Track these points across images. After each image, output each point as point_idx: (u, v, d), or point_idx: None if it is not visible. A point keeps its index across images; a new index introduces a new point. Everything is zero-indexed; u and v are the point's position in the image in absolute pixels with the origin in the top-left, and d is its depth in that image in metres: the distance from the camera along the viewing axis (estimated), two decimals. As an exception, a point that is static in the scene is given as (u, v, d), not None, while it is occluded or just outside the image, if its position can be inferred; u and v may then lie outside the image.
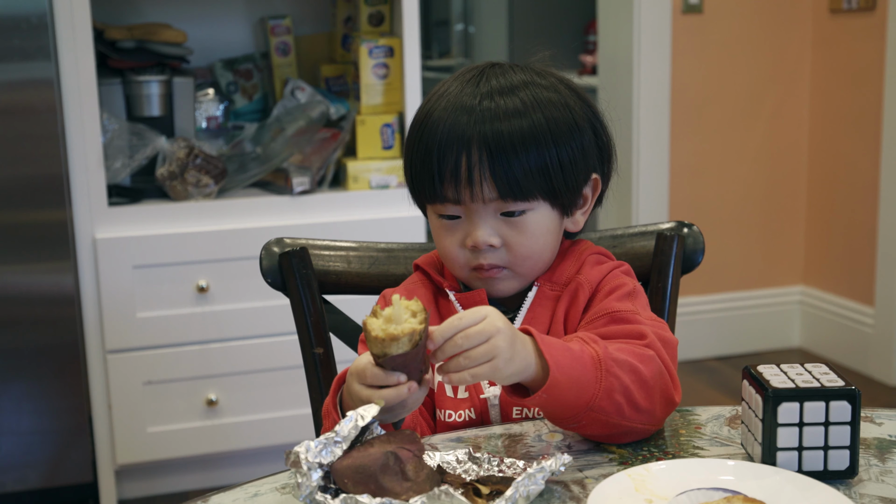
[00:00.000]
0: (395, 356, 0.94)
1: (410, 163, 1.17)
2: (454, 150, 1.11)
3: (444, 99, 1.15)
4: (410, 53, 2.65)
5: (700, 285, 3.54)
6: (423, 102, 1.19)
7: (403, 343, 0.94)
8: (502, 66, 1.18)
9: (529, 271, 1.18)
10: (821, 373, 0.98)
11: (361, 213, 2.63)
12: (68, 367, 2.48)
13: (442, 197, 1.14)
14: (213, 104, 2.90)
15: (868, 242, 3.37)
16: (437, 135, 1.13)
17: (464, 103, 1.13)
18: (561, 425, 1.04)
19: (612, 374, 1.01)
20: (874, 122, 3.30)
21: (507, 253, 1.15)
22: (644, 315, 1.14)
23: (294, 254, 1.36)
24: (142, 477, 2.65)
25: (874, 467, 0.97)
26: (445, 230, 1.17)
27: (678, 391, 1.07)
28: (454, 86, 1.16)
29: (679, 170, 3.50)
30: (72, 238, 2.46)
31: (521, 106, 1.12)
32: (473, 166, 1.11)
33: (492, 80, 1.15)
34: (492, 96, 1.13)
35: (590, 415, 1.00)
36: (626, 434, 1.04)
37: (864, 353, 3.40)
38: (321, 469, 0.88)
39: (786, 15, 3.50)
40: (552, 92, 1.15)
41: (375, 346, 0.94)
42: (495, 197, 1.12)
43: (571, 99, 1.17)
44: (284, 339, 2.58)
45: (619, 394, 1.00)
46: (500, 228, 1.14)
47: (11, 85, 2.37)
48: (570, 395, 0.99)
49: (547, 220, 1.16)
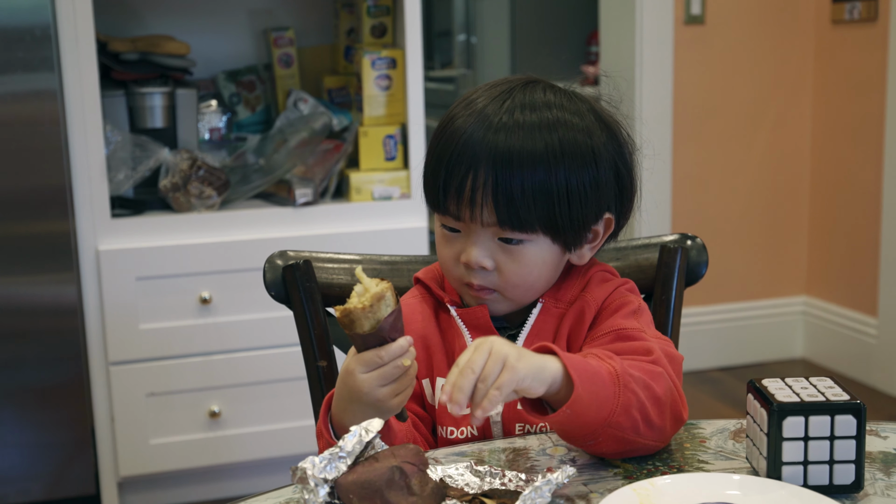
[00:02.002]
0: (388, 317, 0.96)
1: (425, 169, 1.16)
2: (463, 167, 1.09)
3: (469, 107, 1.13)
4: (413, 65, 2.65)
5: (703, 296, 3.54)
6: (453, 105, 1.16)
7: (388, 300, 0.96)
8: (536, 84, 1.14)
9: (520, 298, 1.16)
10: (826, 386, 0.97)
11: (364, 224, 2.63)
12: (71, 379, 2.48)
13: (445, 209, 1.13)
14: (215, 116, 2.91)
15: (871, 252, 3.36)
16: (451, 146, 1.11)
17: (487, 116, 1.10)
18: (576, 442, 1.03)
19: (630, 390, 0.99)
20: (876, 133, 3.30)
21: (499, 277, 1.13)
22: (649, 332, 1.13)
23: (297, 267, 1.36)
24: (144, 489, 2.64)
25: (879, 481, 0.97)
26: (445, 240, 1.16)
27: (685, 408, 1.07)
28: (483, 96, 1.13)
29: (681, 180, 3.50)
30: (75, 250, 2.46)
31: (538, 123, 1.09)
32: (477, 188, 1.09)
33: (517, 97, 1.12)
34: (512, 112, 1.10)
35: (607, 431, 0.99)
36: (637, 451, 1.03)
37: (867, 363, 3.40)
38: (327, 485, 0.88)
39: (788, 25, 3.50)
40: (577, 117, 1.12)
41: (367, 319, 0.96)
42: (493, 222, 1.10)
43: (597, 129, 1.13)
44: (287, 351, 2.58)
45: (636, 410, 1.00)
46: (495, 252, 1.12)
47: (15, 96, 2.38)
48: (591, 410, 0.98)
49: (545, 253, 1.13)
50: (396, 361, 0.99)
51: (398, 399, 1.01)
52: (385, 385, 0.99)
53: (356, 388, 1.00)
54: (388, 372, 0.99)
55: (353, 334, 0.98)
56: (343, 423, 1.03)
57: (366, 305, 0.96)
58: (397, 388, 1.00)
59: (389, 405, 1.00)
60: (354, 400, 1.01)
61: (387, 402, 1.00)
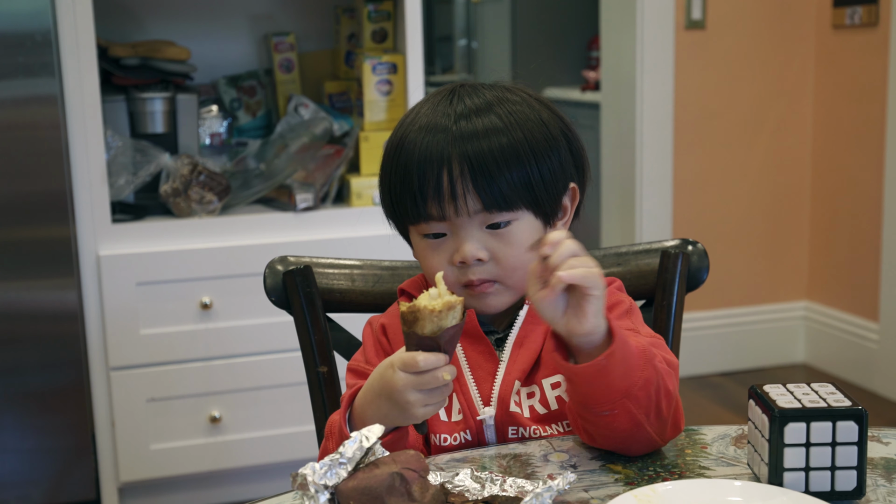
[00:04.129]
0: (450, 328, 0.96)
1: (389, 186, 1.17)
2: (434, 167, 1.12)
3: (417, 122, 1.16)
4: (414, 70, 2.65)
5: (704, 301, 3.54)
6: (395, 129, 1.19)
7: (457, 312, 0.96)
8: (472, 86, 1.19)
9: (519, 282, 1.16)
10: (827, 392, 0.97)
11: (365, 229, 2.63)
12: (71, 384, 2.48)
13: (426, 215, 1.14)
14: (216, 121, 2.91)
15: (872, 257, 3.36)
16: (415, 155, 1.13)
17: (438, 123, 1.14)
18: (590, 413, 1.03)
19: (653, 367, 1.01)
20: (877, 137, 3.30)
21: (496, 266, 1.14)
22: (643, 332, 1.14)
23: (298, 272, 1.36)
24: (145, 494, 2.64)
25: (881, 487, 0.97)
26: (432, 249, 1.16)
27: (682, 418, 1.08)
28: (425, 108, 1.17)
29: (682, 185, 3.50)
30: (75, 255, 2.46)
31: (499, 123, 1.13)
32: (455, 180, 1.11)
33: (465, 100, 1.16)
34: (468, 116, 1.13)
35: (624, 403, 1.00)
36: (637, 441, 1.04)
37: (868, 368, 3.39)
38: (328, 491, 0.87)
39: (788, 30, 3.50)
40: (525, 107, 1.16)
41: (431, 322, 0.95)
42: (480, 209, 1.12)
43: (544, 113, 1.18)
44: (288, 356, 2.57)
45: (654, 389, 1.01)
46: (486, 242, 1.14)
47: (16, 102, 2.38)
48: (619, 372, 0.99)
49: (531, 229, 1.16)
50: (437, 372, 0.98)
51: (426, 409, 1.00)
52: (419, 391, 0.99)
53: (391, 383, 0.99)
54: (426, 380, 0.98)
55: (411, 332, 0.97)
56: (365, 415, 1.03)
57: (435, 308, 0.95)
58: (429, 398, 1.00)
59: (416, 412, 1.00)
60: (384, 395, 1.01)
61: (414, 409, 0.99)
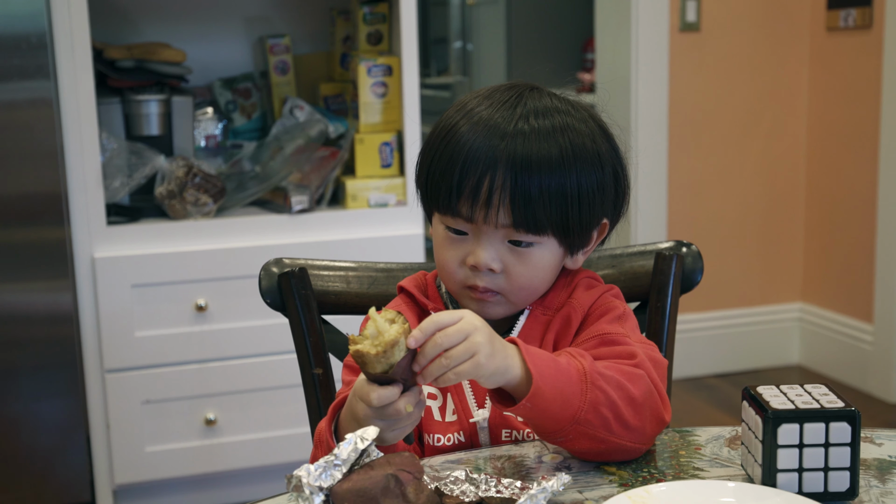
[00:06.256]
0: (401, 361, 0.95)
1: (428, 171, 1.16)
2: (478, 169, 1.11)
3: (475, 113, 1.14)
4: (409, 72, 2.65)
5: (698, 302, 3.54)
6: (449, 113, 1.17)
7: (402, 345, 0.95)
8: (541, 91, 1.17)
9: (522, 301, 1.17)
10: (820, 394, 0.98)
11: (360, 231, 2.64)
12: (66, 386, 2.47)
13: (455, 212, 1.13)
14: (211, 123, 2.91)
15: (866, 259, 3.37)
16: (464, 150, 1.12)
17: (496, 125, 1.12)
18: (548, 439, 1.04)
19: (598, 388, 1.01)
20: (871, 139, 3.31)
21: (505, 280, 1.14)
22: (634, 337, 1.15)
23: (293, 274, 1.36)
24: (140, 497, 2.64)
25: (874, 488, 0.97)
26: (449, 243, 1.16)
27: (668, 411, 1.08)
28: (485, 105, 1.15)
29: (677, 187, 3.50)
30: (70, 257, 2.46)
31: (556, 155, 1.11)
32: (495, 190, 1.10)
33: (528, 104, 1.14)
34: (527, 134, 1.12)
35: (576, 428, 1.01)
36: (615, 452, 1.04)
37: (863, 369, 3.40)
38: (322, 493, 0.88)
39: (783, 33, 3.51)
40: (582, 123, 1.15)
41: (379, 363, 0.95)
42: (509, 224, 1.11)
43: (599, 135, 1.17)
44: (283, 358, 2.57)
45: (606, 408, 1.01)
46: (503, 254, 1.13)
47: (11, 104, 2.38)
48: (555, 405, 1.00)
49: (552, 256, 1.15)
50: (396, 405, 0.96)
51: (394, 434, 1.00)
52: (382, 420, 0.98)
53: (356, 412, 1.00)
54: (387, 412, 0.97)
55: (364, 371, 0.97)
56: (348, 431, 1.03)
57: (379, 352, 0.94)
58: (394, 425, 0.99)
59: (384, 436, 0.99)
60: (355, 420, 1.01)
61: (383, 433, 0.99)
